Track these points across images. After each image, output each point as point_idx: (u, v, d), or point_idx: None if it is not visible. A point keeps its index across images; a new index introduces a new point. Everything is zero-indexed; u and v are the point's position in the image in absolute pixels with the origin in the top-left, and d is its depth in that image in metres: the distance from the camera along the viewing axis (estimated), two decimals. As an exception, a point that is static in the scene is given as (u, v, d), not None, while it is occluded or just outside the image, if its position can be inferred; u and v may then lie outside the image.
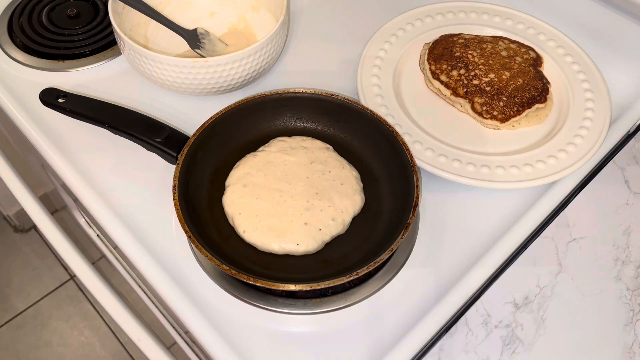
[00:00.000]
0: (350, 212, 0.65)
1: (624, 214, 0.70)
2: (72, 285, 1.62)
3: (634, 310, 0.63)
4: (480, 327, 0.61)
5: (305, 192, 0.65)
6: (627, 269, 0.66)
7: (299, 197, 0.64)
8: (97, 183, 0.70)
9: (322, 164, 0.67)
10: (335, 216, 0.63)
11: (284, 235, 0.62)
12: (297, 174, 0.66)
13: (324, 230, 0.63)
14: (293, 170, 0.67)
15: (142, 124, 0.69)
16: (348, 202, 0.65)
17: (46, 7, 0.89)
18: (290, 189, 0.65)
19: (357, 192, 0.66)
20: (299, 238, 0.62)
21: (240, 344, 0.60)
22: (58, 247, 0.77)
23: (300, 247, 0.62)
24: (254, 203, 0.64)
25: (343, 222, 0.64)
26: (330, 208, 0.64)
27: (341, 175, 0.67)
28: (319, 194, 0.65)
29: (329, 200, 0.64)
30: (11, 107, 0.77)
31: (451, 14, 0.85)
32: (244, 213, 0.64)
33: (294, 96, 0.71)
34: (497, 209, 0.70)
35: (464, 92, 0.75)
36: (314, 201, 0.64)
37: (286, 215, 0.63)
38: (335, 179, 0.66)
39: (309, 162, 0.67)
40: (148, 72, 0.74)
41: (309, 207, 0.64)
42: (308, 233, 0.62)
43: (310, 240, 0.62)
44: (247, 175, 0.66)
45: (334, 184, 0.66)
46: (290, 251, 0.62)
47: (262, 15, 0.85)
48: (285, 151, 0.68)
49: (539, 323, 0.62)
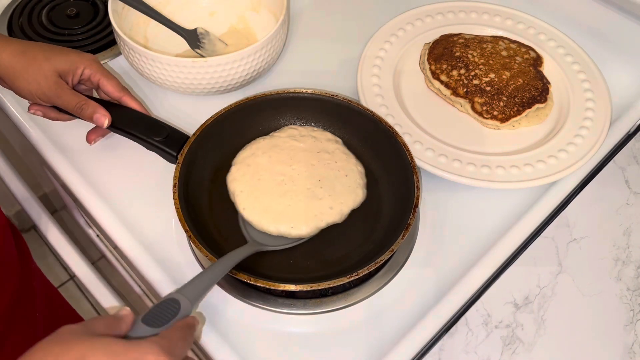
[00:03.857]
0: (350, 205, 0.65)
1: (624, 214, 0.70)
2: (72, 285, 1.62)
3: (634, 310, 0.63)
4: (480, 327, 0.61)
5: (308, 178, 0.66)
6: (627, 269, 0.66)
7: (300, 183, 0.65)
8: (97, 183, 0.70)
9: (329, 154, 0.68)
10: (333, 205, 0.64)
11: (280, 217, 0.63)
12: (302, 160, 0.67)
13: (320, 217, 0.63)
14: (299, 156, 0.67)
15: (142, 123, 0.69)
16: (349, 194, 0.65)
17: (46, 7, 0.89)
18: (293, 174, 0.66)
19: (360, 187, 0.66)
20: (294, 221, 0.62)
21: (240, 344, 0.60)
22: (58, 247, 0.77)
23: (293, 230, 0.62)
24: (255, 183, 0.65)
25: (341, 212, 0.64)
26: (330, 197, 0.64)
27: (346, 167, 0.67)
28: (321, 182, 0.65)
29: (330, 189, 0.65)
30: (11, 107, 0.77)
31: (451, 14, 0.85)
32: (245, 191, 0.65)
33: (294, 96, 0.71)
34: (497, 209, 0.70)
35: (464, 92, 0.75)
36: (315, 188, 0.65)
37: (284, 198, 0.64)
38: (340, 170, 0.67)
39: (316, 150, 0.68)
40: (148, 72, 0.74)
41: (309, 193, 0.64)
42: (304, 217, 0.63)
43: (304, 224, 0.62)
44: (252, 156, 0.67)
45: (338, 175, 0.66)
46: (284, 233, 0.63)
47: (262, 15, 0.85)
48: (295, 137, 0.69)
49: (539, 323, 0.62)
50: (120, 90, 0.69)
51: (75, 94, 0.66)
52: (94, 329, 0.42)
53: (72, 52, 0.68)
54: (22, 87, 0.65)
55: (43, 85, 0.65)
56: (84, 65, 0.68)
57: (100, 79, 0.68)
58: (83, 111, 0.66)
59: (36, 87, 0.65)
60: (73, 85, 0.69)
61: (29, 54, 0.65)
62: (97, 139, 0.72)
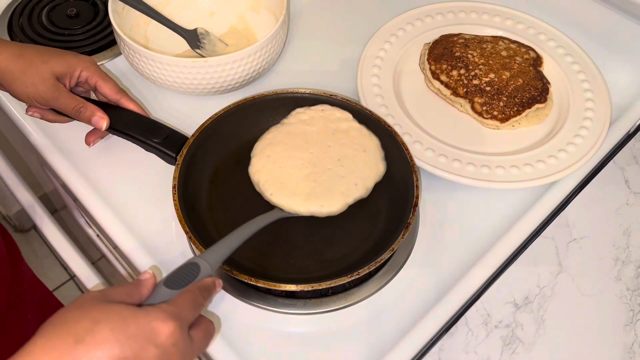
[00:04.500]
0: (374, 178, 0.66)
1: (624, 214, 0.70)
2: (72, 285, 1.62)
3: (634, 310, 0.63)
4: (480, 327, 0.61)
5: (327, 159, 0.66)
6: (627, 269, 0.66)
7: (320, 164, 0.66)
8: (97, 183, 0.70)
9: (343, 132, 0.68)
10: (357, 181, 0.65)
11: (308, 198, 0.63)
12: (318, 143, 0.68)
13: (347, 194, 0.64)
14: (313, 139, 0.68)
15: (141, 124, 0.69)
16: (371, 168, 0.66)
17: (46, 7, 0.89)
18: (312, 157, 0.67)
19: (380, 159, 0.67)
20: (323, 200, 0.63)
21: (240, 344, 0.60)
22: (58, 247, 0.77)
23: (324, 209, 0.63)
24: (277, 171, 0.66)
25: (365, 187, 0.65)
26: (353, 174, 0.65)
27: (363, 142, 0.68)
28: (341, 161, 0.66)
29: (351, 167, 0.66)
30: (11, 107, 0.77)
31: (451, 14, 0.85)
32: (269, 180, 0.65)
33: (293, 96, 0.71)
34: (497, 209, 0.70)
35: (464, 92, 0.75)
36: (337, 168, 0.66)
37: (309, 181, 0.65)
38: (357, 147, 0.67)
39: (330, 132, 0.69)
40: (148, 72, 0.74)
41: (331, 173, 0.65)
42: (331, 195, 0.63)
43: (333, 202, 0.63)
44: (269, 146, 0.68)
45: (356, 151, 0.67)
46: (314, 213, 0.63)
47: (262, 15, 0.85)
48: (305, 122, 0.70)
49: (539, 323, 0.62)
50: (117, 92, 0.69)
51: (73, 97, 0.66)
52: (112, 296, 0.45)
53: (69, 55, 0.68)
54: (20, 91, 0.65)
55: (40, 89, 0.65)
56: (81, 67, 0.68)
57: (98, 81, 0.68)
58: (81, 114, 0.66)
59: (34, 91, 0.65)
60: (70, 88, 0.69)
61: (25, 57, 0.65)
62: (96, 141, 0.72)
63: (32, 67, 0.64)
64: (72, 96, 0.67)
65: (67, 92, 0.67)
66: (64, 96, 0.66)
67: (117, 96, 0.69)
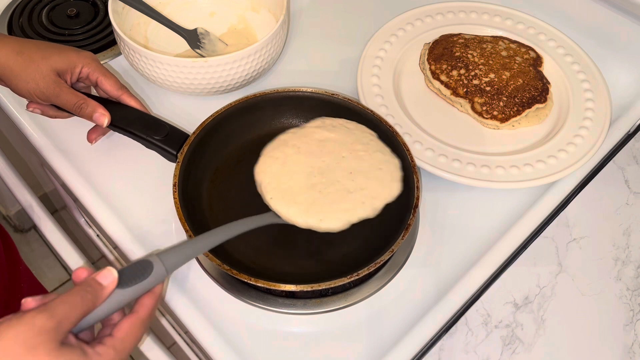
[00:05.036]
0: (384, 199, 0.62)
1: (624, 214, 0.70)
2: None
3: (634, 310, 0.63)
4: (480, 327, 0.61)
5: (338, 170, 0.63)
6: (627, 269, 0.66)
7: (329, 175, 0.63)
8: (97, 183, 0.70)
9: (364, 145, 0.65)
10: (365, 200, 0.61)
11: (309, 210, 0.60)
12: (333, 151, 0.65)
13: (351, 211, 0.61)
14: (329, 147, 0.65)
15: (142, 121, 0.69)
16: (383, 187, 0.63)
17: (46, 7, 0.89)
18: (322, 165, 0.64)
19: (396, 180, 0.64)
20: (323, 214, 0.60)
21: (240, 344, 0.60)
22: (58, 247, 0.77)
23: (323, 224, 0.60)
24: (282, 175, 0.63)
25: (373, 207, 0.61)
26: (363, 191, 0.62)
27: (381, 159, 0.64)
28: (352, 175, 0.63)
29: (362, 183, 0.62)
30: (11, 107, 0.77)
31: (451, 14, 0.85)
32: (272, 183, 0.63)
33: (294, 95, 0.71)
34: (497, 209, 0.70)
35: (464, 92, 0.75)
36: (346, 181, 0.62)
37: (313, 191, 0.62)
38: (374, 163, 0.64)
39: (349, 142, 0.65)
40: (148, 72, 0.74)
41: (339, 186, 0.62)
42: (334, 211, 0.60)
43: (334, 218, 0.60)
44: (280, 147, 0.66)
45: (371, 168, 0.63)
46: (312, 226, 0.60)
47: (262, 15, 0.85)
48: (326, 128, 0.67)
49: (539, 323, 0.62)
50: (119, 89, 0.69)
51: (74, 93, 0.66)
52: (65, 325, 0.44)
53: (70, 50, 0.68)
54: (20, 87, 0.65)
55: (41, 85, 0.64)
56: (82, 63, 0.67)
57: (99, 77, 0.68)
58: (82, 110, 0.66)
59: (34, 87, 0.65)
60: (71, 84, 0.69)
61: (25, 53, 0.65)
62: (98, 138, 0.72)
63: (33, 63, 0.64)
64: (73, 92, 0.66)
65: (68, 88, 0.67)
66: (65, 92, 0.66)
67: (118, 92, 0.69)
